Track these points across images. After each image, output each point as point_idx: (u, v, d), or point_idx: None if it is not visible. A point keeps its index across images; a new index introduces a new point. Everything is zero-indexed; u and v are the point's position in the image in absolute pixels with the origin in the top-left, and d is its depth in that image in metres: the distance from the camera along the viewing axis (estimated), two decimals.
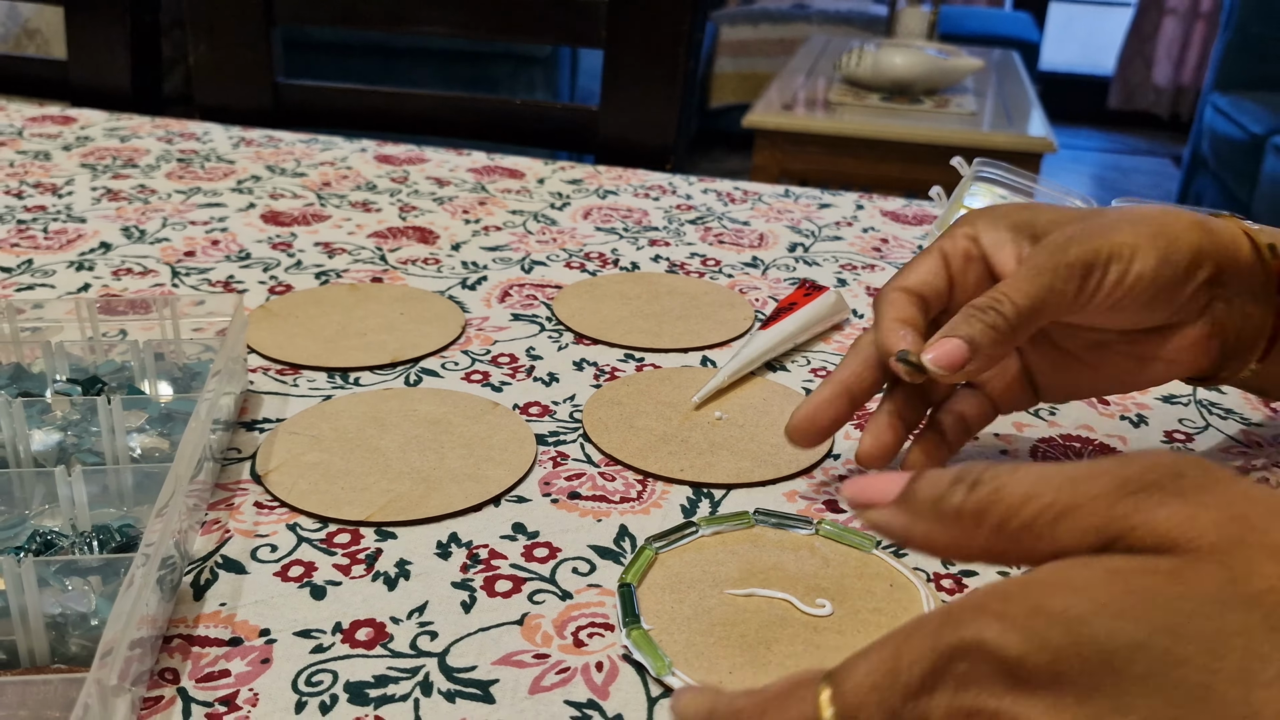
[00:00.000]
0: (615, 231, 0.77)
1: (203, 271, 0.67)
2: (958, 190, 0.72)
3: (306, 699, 0.35)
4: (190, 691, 0.35)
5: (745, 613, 0.39)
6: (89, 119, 0.98)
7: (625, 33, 0.96)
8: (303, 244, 0.72)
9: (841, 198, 0.86)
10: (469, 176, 0.87)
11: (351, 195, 0.81)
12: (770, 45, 3.80)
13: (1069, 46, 4.86)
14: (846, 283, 0.70)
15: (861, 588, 0.40)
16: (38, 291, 0.63)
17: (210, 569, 0.41)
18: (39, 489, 0.41)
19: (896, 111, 2.35)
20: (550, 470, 0.48)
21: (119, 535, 0.39)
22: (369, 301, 0.63)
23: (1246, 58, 3.13)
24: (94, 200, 0.78)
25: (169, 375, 0.50)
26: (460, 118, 1.06)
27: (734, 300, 0.66)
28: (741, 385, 0.55)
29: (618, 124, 0.99)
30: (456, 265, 0.69)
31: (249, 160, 0.88)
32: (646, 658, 0.36)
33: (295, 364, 0.56)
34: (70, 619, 0.35)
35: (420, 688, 0.35)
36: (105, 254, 0.69)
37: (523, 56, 2.84)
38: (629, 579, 0.40)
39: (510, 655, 0.37)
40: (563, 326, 0.61)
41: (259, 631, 0.38)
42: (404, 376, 0.55)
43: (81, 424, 0.46)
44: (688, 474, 0.47)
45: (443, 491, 0.45)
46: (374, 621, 0.38)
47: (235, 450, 0.48)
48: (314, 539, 0.42)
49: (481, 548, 0.42)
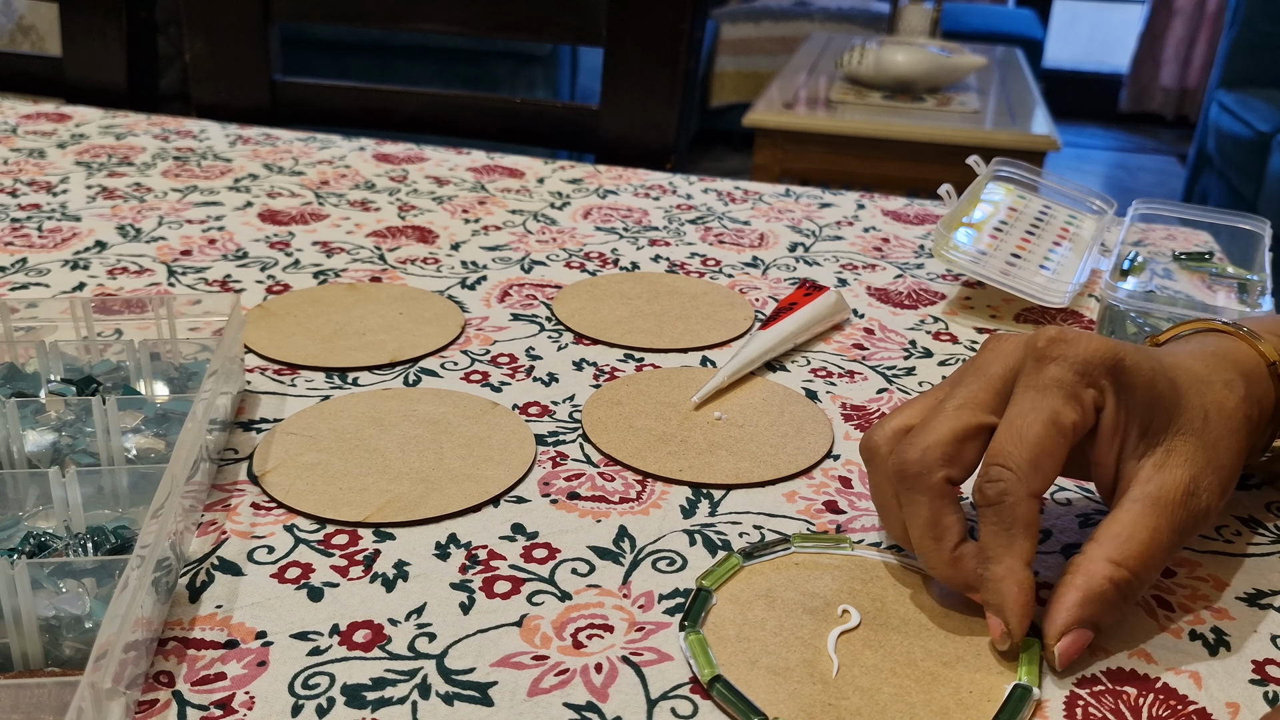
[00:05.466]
0: (615, 231, 0.76)
1: (199, 271, 0.66)
2: (971, 188, 0.72)
3: (303, 702, 0.34)
4: (186, 695, 0.35)
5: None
6: (84, 116, 0.98)
7: (626, 31, 0.96)
8: (301, 243, 0.71)
9: (842, 197, 0.86)
10: (468, 176, 0.87)
11: (350, 194, 0.81)
12: (771, 43, 3.80)
13: (1073, 44, 4.86)
14: (847, 283, 0.69)
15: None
16: (32, 290, 0.63)
17: (206, 571, 0.40)
18: (33, 490, 0.41)
19: (898, 110, 2.35)
20: (549, 470, 0.47)
21: (114, 537, 0.39)
22: (368, 301, 0.62)
23: (1253, 55, 3.12)
24: (89, 198, 0.77)
25: (165, 375, 0.50)
26: (460, 116, 1.06)
27: (734, 300, 0.65)
28: (741, 385, 0.55)
29: (618, 123, 0.99)
30: (456, 265, 0.69)
31: (246, 159, 0.88)
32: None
33: (293, 364, 0.55)
34: (64, 621, 0.35)
35: (418, 690, 0.35)
36: (100, 253, 0.68)
37: (523, 55, 2.84)
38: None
39: (509, 657, 0.37)
40: (562, 326, 0.61)
41: (255, 634, 0.37)
42: (403, 376, 0.55)
43: (76, 424, 0.45)
44: (687, 474, 0.47)
45: (441, 492, 0.45)
46: (372, 623, 0.38)
47: (232, 451, 0.48)
48: (311, 540, 0.42)
49: (480, 548, 0.42)
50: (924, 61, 2.39)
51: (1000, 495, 0.37)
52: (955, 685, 0.36)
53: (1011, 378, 0.39)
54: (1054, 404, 0.37)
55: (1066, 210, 0.74)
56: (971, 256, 0.63)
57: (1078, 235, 0.71)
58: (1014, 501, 0.37)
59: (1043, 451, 0.37)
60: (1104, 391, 0.38)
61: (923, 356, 0.59)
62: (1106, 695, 0.36)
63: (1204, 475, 0.39)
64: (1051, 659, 0.37)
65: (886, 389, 0.56)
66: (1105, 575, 0.37)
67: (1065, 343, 0.38)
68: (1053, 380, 0.38)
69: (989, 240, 0.66)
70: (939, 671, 0.36)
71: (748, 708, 0.34)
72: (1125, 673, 0.37)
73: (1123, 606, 0.37)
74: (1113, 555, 0.37)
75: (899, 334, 0.62)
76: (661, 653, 0.37)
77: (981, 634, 0.38)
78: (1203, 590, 0.41)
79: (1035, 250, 0.67)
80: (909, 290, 0.68)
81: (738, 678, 0.36)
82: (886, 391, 0.55)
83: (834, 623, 0.38)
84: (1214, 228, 0.73)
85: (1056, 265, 0.66)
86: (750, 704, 0.34)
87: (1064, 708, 0.35)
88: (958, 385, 0.40)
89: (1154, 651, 0.38)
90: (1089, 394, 0.38)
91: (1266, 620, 0.40)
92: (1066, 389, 0.38)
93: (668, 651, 0.37)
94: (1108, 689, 0.36)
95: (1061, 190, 0.76)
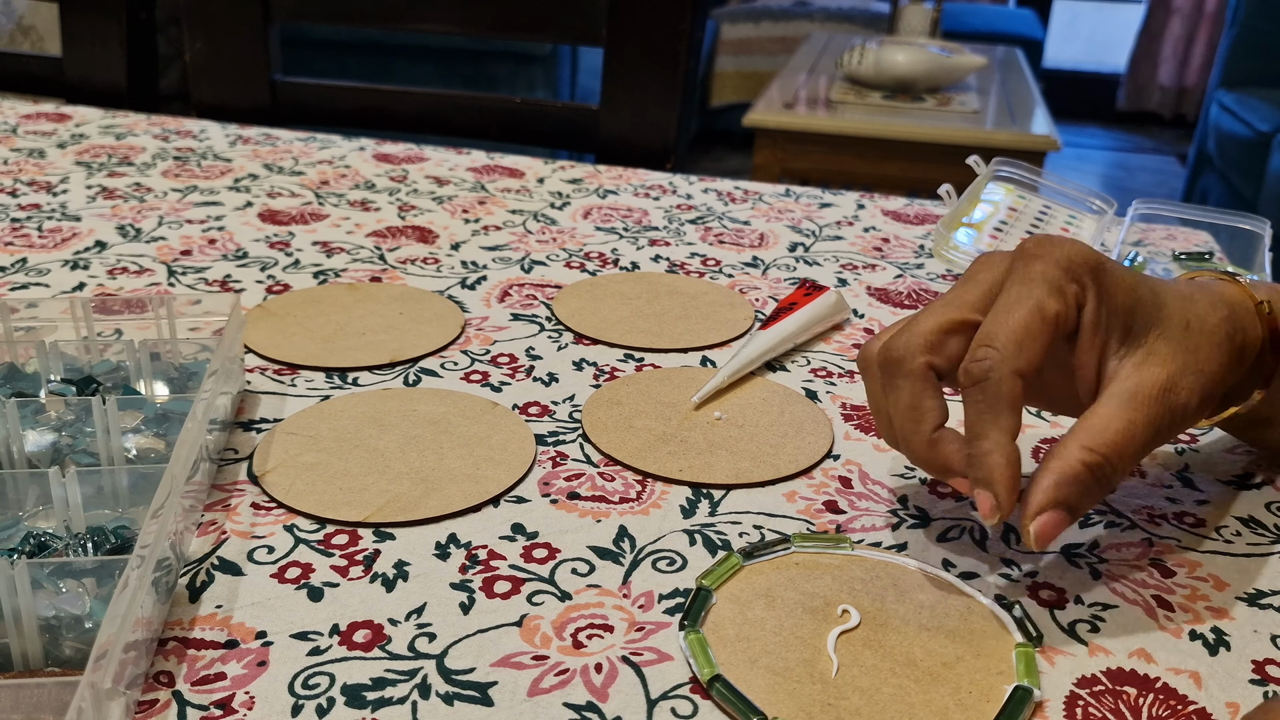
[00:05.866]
0: (615, 231, 0.76)
1: (199, 270, 0.66)
2: (971, 188, 0.72)
3: (303, 702, 0.34)
4: (186, 695, 0.35)
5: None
6: (84, 116, 0.98)
7: (626, 31, 0.96)
8: (301, 243, 0.71)
9: (842, 197, 0.86)
10: (468, 176, 0.87)
11: (350, 194, 0.81)
12: (771, 43, 3.80)
13: (1073, 44, 4.86)
14: (847, 282, 0.69)
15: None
16: (32, 290, 0.63)
17: (206, 571, 0.40)
18: (33, 490, 0.41)
19: (898, 110, 2.35)
20: (549, 470, 0.47)
21: (114, 537, 0.39)
22: (368, 301, 0.62)
23: (1253, 54, 3.12)
24: (89, 198, 0.77)
25: (165, 375, 0.50)
26: (459, 116, 1.06)
27: (734, 300, 0.65)
28: (741, 385, 0.55)
29: (618, 123, 0.99)
30: (456, 265, 0.69)
31: (246, 158, 0.88)
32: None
33: (293, 364, 0.55)
34: (64, 621, 0.35)
35: (418, 690, 0.35)
36: (100, 253, 0.68)
37: (523, 55, 2.84)
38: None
39: (509, 657, 0.37)
40: (562, 326, 0.61)
41: (255, 634, 0.37)
42: (403, 376, 0.55)
43: (76, 424, 0.45)
44: (687, 474, 0.47)
45: (441, 492, 0.45)
46: (372, 623, 0.38)
47: (232, 451, 0.48)
48: (311, 540, 0.42)
49: (480, 548, 0.42)
50: (924, 61, 2.39)
51: (985, 373, 0.38)
52: (955, 685, 0.36)
53: (999, 283, 0.41)
54: (1039, 294, 0.39)
55: (1066, 210, 0.74)
56: (972, 256, 0.63)
57: (1078, 235, 0.71)
58: (999, 378, 0.38)
59: (1028, 334, 0.38)
60: (1086, 289, 0.40)
61: None
62: (1106, 695, 0.36)
63: (1183, 375, 0.40)
64: (1028, 538, 0.38)
65: None
66: (1078, 459, 0.38)
67: (1051, 244, 0.40)
68: (1038, 274, 0.39)
69: (989, 240, 0.66)
70: (939, 671, 0.36)
71: (747, 707, 0.34)
72: (1125, 673, 0.37)
73: (1096, 491, 0.39)
74: (1085, 442, 0.38)
75: None
76: (661, 652, 0.37)
77: (981, 634, 0.38)
78: (1203, 590, 0.41)
79: None
80: (909, 290, 0.68)
81: (737, 677, 0.36)
82: None
83: (834, 622, 0.38)
84: (1214, 228, 0.73)
85: None
86: (750, 704, 0.34)
87: (1064, 708, 0.35)
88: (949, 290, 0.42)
89: (1154, 651, 0.38)
90: (1072, 288, 0.39)
91: (1266, 620, 0.40)
92: (1051, 282, 0.39)
93: (668, 651, 0.37)
94: (1108, 689, 0.36)
95: (1061, 190, 0.76)
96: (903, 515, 0.45)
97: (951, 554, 0.43)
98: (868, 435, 0.51)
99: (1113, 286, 0.40)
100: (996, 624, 0.39)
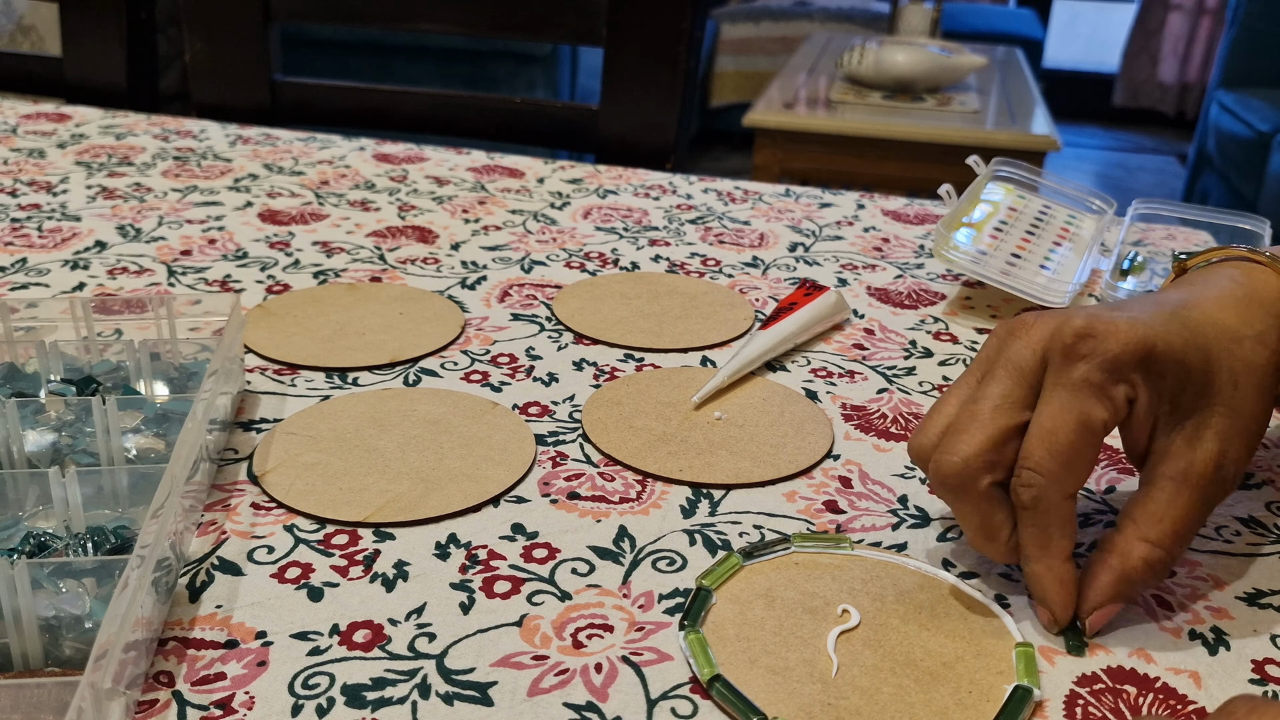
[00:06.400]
0: (615, 231, 0.76)
1: (199, 271, 0.66)
2: (971, 188, 0.72)
3: (303, 702, 0.34)
4: (185, 695, 0.35)
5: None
6: (84, 116, 0.98)
7: (626, 31, 0.96)
8: (301, 243, 0.71)
9: (842, 197, 0.86)
10: (468, 176, 0.87)
11: (350, 194, 0.81)
12: (771, 43, 3.80)
13: (1073, 44, 4.86)
14: (847, 282, 0.69)
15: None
16: (32, 290, 0.63)
17: (206, 571, 0.40)
18: (33, 490, 0.41)
19: (899, 110, 2.35)
20: (549, 470, 0.47)
21: (114, 537, 0.39)
22: (368, 301, 0.62)
23: (1253, 54, 3.12)
24: (89, 198, 0.77)
25: (165, 375, 0.50)
26: (459, 116, 1.06)
27: (734, 300, 0.65)
28: (741, 385, 0.55)
29: (618, 123, 0.99)
30: (456, 265, 0.69)
31: (246, 158, 0.88)
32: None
33: (293, 364, 0.55)
34: (64, 621, 0.35)
35: (418, 690, 0.35)
36: (100, 253, 0.68)
37: (522, 55, 2.83)
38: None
39: (509, 657, 0.37)
40: (562, 326, 0.61)
41: (255, 634, 0.37)
42: (403, 376, 0.55)
43: (76, 424, 0.45)
44: (687, 474, 0.47)
45: (441, 492, 0.45)
46: (372, 623, 0.38)
47: (232, 451, 0.48)
48: (311, 540, 0.42)
49: (480, 548, 0.42)
50: (924, 61, 2.39)
51: (1034, 500, 0.37)
52: (955, 685, 0.36)
53: (1041, 368, 0.38)
54: (1083, 405, 0.37)
55: (1066, 210, 0.74)
56: (971, 256, 0.63)
57: (1078, 235, 0.71)
58: (1048, 505, 0.37)
59: (1074, 454, 0.37)
60: (1136, 385, 0.38)
61: (923, 356, 0.59)
62: (1106, 694, 0.36)
63: (1232, 446, 0.39)
64: (1083, 628, 0.38)
65: (887, 389, 0.56)
66: (1140, 556, 0.38)
67: (1094, 338, 0.37)
68: (1082, 380, 0.37)
69: (989, 240, 0.66)
70: (939, 671, 0.36)
71: (747, 707, 0.34)
72: (1125, 672, 0.37)
73: (1153, 582, 0.39)
74: (1148, 535, 0.38)
75: (899, 334, 0.62)
76: (661, 652, 0.37)
77: (981, 634, 0.38)
78: (1203, 590, 0.41)
79: (1035, 250, 0.67)
80: (909, 290, 0.68)
81: (737, 677, 0.36)
82: (887, 392, 0.55)
83: (834, 622, 0.38)
84: (1214, 228, 0.73)
85: (1056, 265, 0.66)
86: (750, 703, 0.34)
87: (1064, 707, 0.35)
88: (989, 381, 0.39)
89: (1154, 651, 0.38)
90: (1120, 390, 0.38)
91: (1266, 620, 0.40)
92: (1096, 388, 0.37)
93: (668, 651, 0.37)
94: (1108, 688, 0.36)
95: (1061, 190, 0.76)
96: (903, 515, 0.45)
97: (951, 554, 0.43)
98: (868, 435, 0.51)
99: (1162, 371, 0.38)
100: (996, 624, 0.39)
